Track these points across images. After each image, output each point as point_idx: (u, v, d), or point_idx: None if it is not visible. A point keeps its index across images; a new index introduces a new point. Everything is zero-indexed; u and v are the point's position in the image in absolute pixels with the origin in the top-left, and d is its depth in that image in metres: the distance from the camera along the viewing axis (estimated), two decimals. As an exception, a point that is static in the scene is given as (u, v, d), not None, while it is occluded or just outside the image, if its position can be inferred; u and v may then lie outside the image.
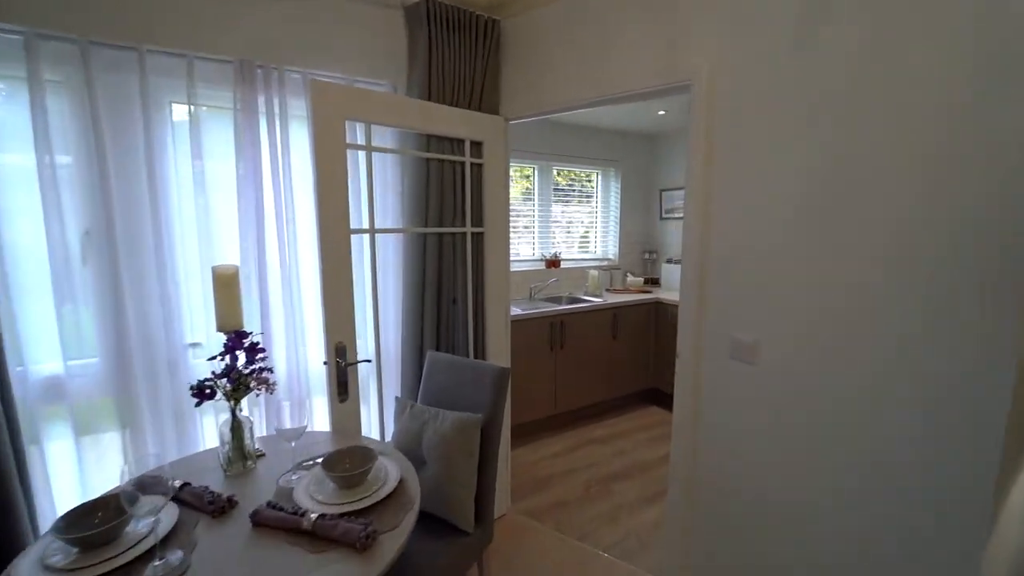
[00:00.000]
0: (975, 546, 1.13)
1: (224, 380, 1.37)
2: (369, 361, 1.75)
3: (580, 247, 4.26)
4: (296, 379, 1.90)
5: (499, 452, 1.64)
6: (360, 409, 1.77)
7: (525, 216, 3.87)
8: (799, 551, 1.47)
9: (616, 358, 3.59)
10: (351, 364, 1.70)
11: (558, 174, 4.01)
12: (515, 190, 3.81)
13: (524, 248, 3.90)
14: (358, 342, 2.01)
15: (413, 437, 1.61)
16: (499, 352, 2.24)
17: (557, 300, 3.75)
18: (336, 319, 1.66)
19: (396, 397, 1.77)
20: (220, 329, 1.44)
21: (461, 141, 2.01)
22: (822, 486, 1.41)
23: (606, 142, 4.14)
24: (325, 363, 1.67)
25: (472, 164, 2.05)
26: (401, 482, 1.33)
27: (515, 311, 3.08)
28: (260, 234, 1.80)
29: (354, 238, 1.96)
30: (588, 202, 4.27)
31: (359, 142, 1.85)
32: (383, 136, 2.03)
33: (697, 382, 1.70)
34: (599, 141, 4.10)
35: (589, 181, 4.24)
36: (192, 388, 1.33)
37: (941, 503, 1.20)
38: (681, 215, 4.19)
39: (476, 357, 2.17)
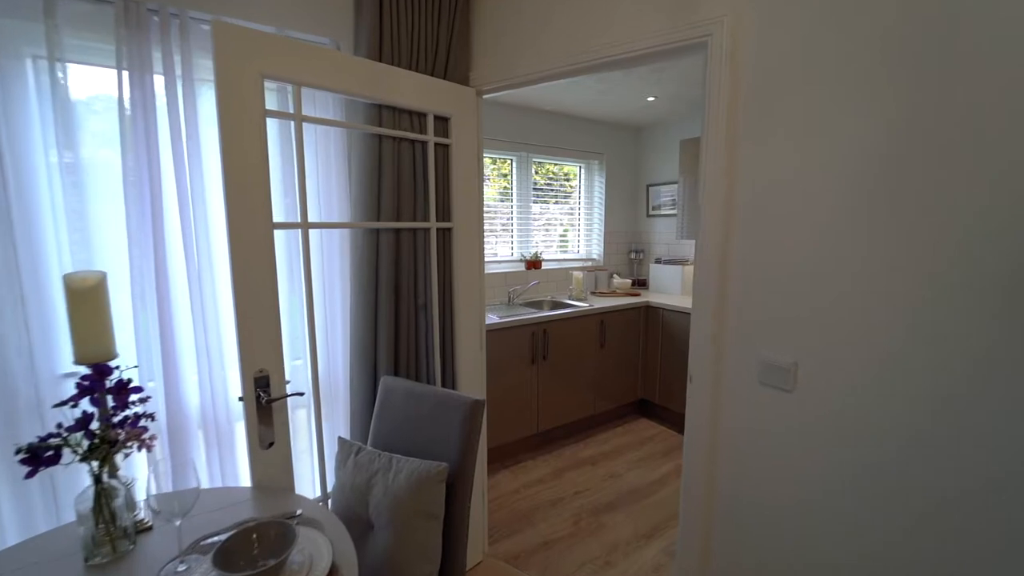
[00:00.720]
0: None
1: (79, 435, 0.97)
2: (301, 394, 1.36)
3: (560, 247, 3.93)
4: (211, 416, 1.49)
5: (473, 499, 1.28)
6: (292, 457, 1.37)
7: (503, 214, 3.51)
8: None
9: (604, 368, 3.27)
10: (276, 400, 1.31)
11: (536, 172, 3.67)
12: (492, 190, 3.45)
13: (502, 248, 3.54)
14: (295, 365, 1.63)
15: (358, 495, 1.24)
16: (472, 374, 1.87)
17: (538, 305, 3.41)
18: (255, 341, 1.27)
19: (339, 438, 1.39)
20: (80, 361, 1.04)
21: (423, 116, 1.63)
22: (874, 545, 1.10)
23: (590, 133, 3.82)
24: (241, 399, 1.27)
25: (437, 145, 1.68)
26: (333, 572, 0.96)
27: (492, 319, 2.72)
28: (159, 234, 1.39)
29: (290, 235, 1.58)
30: (567, 201, 3.95)
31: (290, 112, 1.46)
32: (326, 107, 1.64)
33: (715, 413, 1.37)
34: (582, 132, 3.77)
35: (567, 180, 3.91)
36: (21, 450, 0.92)
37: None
38: (670, 212, 3.91)
39: (444, 381, 1.80)
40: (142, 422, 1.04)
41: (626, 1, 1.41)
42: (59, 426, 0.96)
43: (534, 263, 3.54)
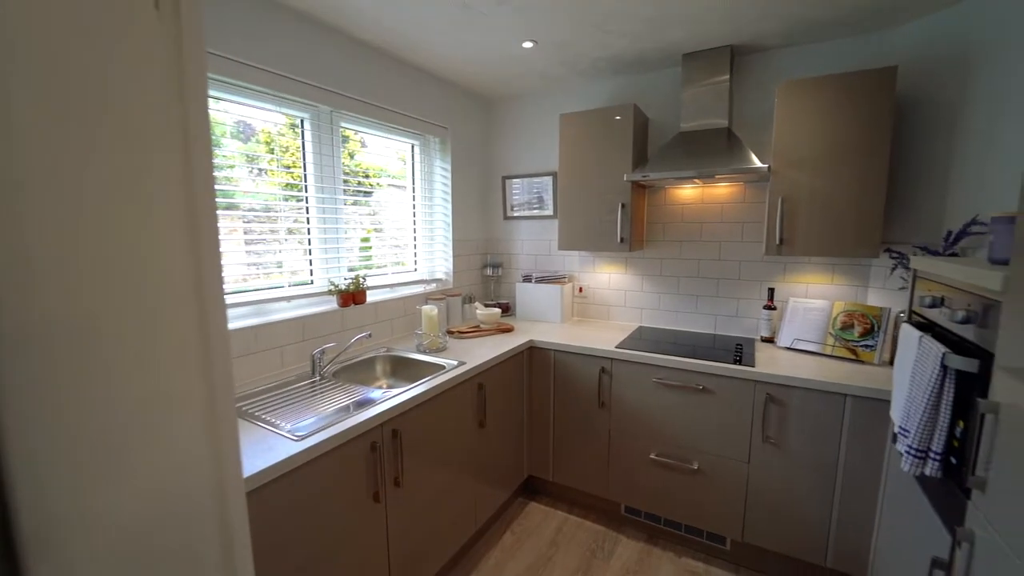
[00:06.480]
0: None
1: None
2: None
3: (362, 260, 2.57)
4: None
5: None
6: None
7: (290, 215, 1.98)
8: None
9: (486, 457, 2.07)
10: None
11: (349, 157, 2.23)
12: (263, 182, 1.90)
13: (289, 270, 2.01)
14: None
15: None
16: None
17: (368, 371, 2.01)
18: None
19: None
20: None
21: None
22: None
23: (429, 95, 2.57)
24: None
25: None
26: None
27: (275, 441, 1.24)
28: None
29: None
30: (372, 204, 2.63)
31: None
32: None
33: None
34: (419, 92, 2.50)
35: (367, 177, 2.57)
36: None
37: None
38: (534, 213, 2.94)
39: None
40: None
41: None
42: None
43: (354, 295, 2.11)
